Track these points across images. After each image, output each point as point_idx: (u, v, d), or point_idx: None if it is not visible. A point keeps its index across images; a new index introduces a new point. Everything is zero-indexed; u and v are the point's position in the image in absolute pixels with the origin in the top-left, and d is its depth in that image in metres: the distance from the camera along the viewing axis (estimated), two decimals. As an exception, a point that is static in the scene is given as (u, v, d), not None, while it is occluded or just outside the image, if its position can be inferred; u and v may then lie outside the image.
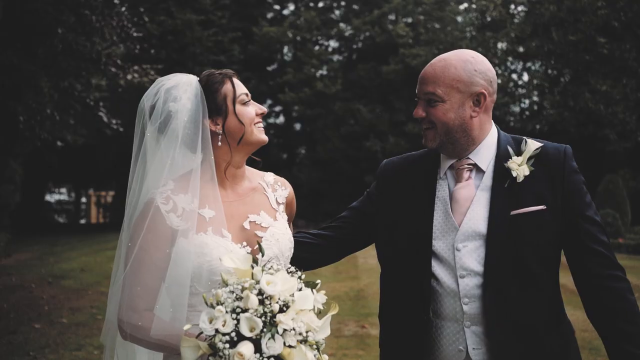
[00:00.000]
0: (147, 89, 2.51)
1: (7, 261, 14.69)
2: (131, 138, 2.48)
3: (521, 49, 26.40)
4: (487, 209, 2.44)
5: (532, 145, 2.50)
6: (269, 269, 1.92)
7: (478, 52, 2.68)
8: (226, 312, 1.84)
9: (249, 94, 2.45)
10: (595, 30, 21.48)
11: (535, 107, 27.78)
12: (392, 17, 30.81)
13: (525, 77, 28.68)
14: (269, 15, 32.08)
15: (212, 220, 2.30)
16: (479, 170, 2.53)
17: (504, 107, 27.34)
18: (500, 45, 27.37)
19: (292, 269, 1.97)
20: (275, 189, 2.57)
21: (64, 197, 37.40)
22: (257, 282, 1.87)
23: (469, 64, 2.46)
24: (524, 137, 2.58)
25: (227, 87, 2.39)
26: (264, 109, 2.48)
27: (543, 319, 2.38)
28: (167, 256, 2.21)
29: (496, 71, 27.83)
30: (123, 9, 12.47)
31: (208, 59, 27.38)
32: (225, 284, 1.92)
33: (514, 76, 29.28)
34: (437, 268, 2.45)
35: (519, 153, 2.49)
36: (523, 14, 26.20)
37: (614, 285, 2.38)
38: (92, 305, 9.75)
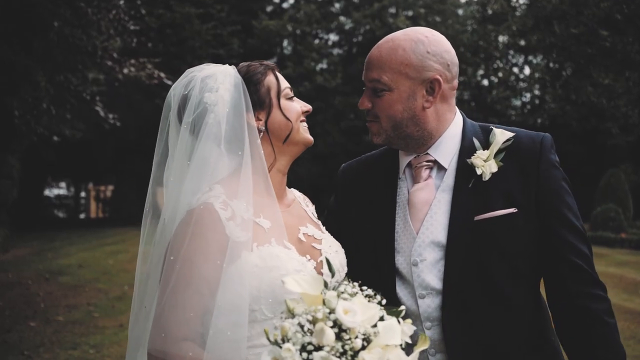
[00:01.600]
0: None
1: (5, 257, 14.56)
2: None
3: (522, 43, 26.26)
4: (447, 214, 2.09)
5: (501, 135, 2.13)
6: (342, 292, 1.56)
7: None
8: (295, 350, 1.46)
9: (292, 90, 2.22)
10: (598, 23, 21.31)
11: (537, 101, 27.64)
12: (392, 10, 30.59)
13: (527, 70, 28.55)
14: (269, 8, 31.89)
15: (271, 230, 1.99)
16: (441, 168, 2.17)
17: (505, 101, 27.21)
18: (501, 38, 27.23)
19: (369, 291, 1.58)
20: (307, 204, 2.34)
21: (62, 191, 37.28)
22: (332, 311, 1.49)
23: (420, 44, 2.08)
24: (492, 126, 2.21)
25: (270, 78, 2.14)
26: (309, 106, 2.22)
27: (521, 344, 2.04)
28: (219, 272, 1.86)
29: (497, 65, 27.89)
30: (121, 1, 12.29)
31: (207, 52, 27.22)
32: (291, 314, 1.55)
33: (515, 70, 29.15)
34: (399, 287, 2.11)
35: (486, 146, 2.13)
36: (524, 7, 25.99)
37: (593, 306, 2.02)
38: (89, 303, 9.64)
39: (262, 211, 2.01)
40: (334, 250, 2.15)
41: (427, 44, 2.09)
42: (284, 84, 2.16)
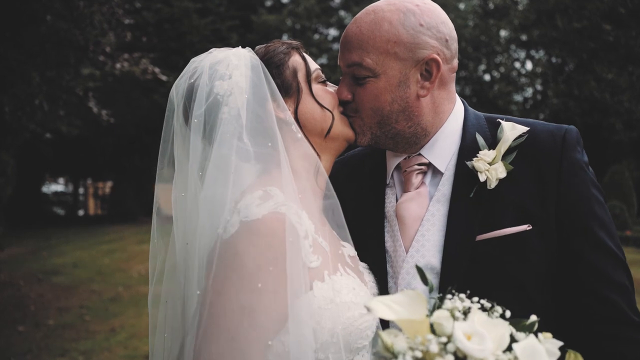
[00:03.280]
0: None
1: (-1, 256, 14.33)
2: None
3: (524, 37, 26.01)
4: (443, 232, 1.67)
5: (512, 130, 1.67)
6: (451, 309, 1.14)
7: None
8: None
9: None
10: (601, 17, 21.13)
11: (539, 97, 27.36)
12: (393, 4, 30.36)
13: (529, 65, 28.26)
14: (268, 3, 31.64)
15: (332, 254, 1.57)
16: (436, 173, 1.75)
17: (507, 96, 26.92)
18: (503, 33, 26.96)
19: (485, 302, 1.17)
20: None
21: (60, 188, 37.04)
22: (448, 340, 1.07)
23: (410, 15, 1.65)
24: (502, 118, 1.75)
25: (296, 59, 1.73)
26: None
27: None
28: (286, 310, 1.41)
29: (499, 60, 27.68)
30: (116, -4, 11.97)
31: (206, 47, 26.77)
32: (390, 352, 1.10)
33: (517, 64, 28.86)
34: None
35: (493, 143, 1.69)
36: (527, 1, 25.74)
37: (627, 354, 1.57)
38: (81, 305, 9.37)
39: (318, 227, 1.58)
40: (372, 274, 1.74)
41: (420, 15, 1.66)
42: (313, 65, 1.76)
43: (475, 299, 1.17)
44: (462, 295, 1.17)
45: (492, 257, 1.60)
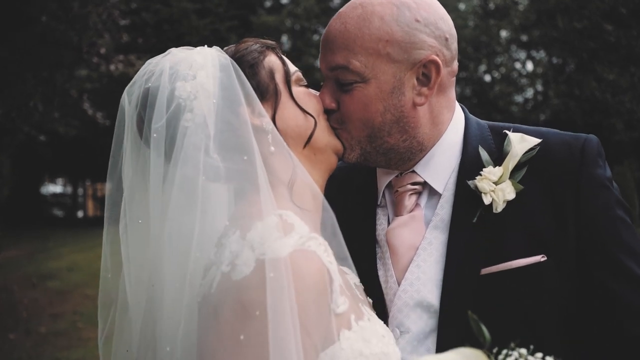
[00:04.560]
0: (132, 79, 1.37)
1: (-6, 259, 14.19)
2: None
3: (525, 38, 25.94)
4: (441, 263, 1.44)
5: (521, 143, 1.45)
6: None
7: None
8: None
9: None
10: (602, 17, 20.99)
11: (540, 98, 27.27)
12: (392, 4, 30.25)
13: (530, 66, 28.17)
14: (267, 3, 31.57)
15: (349, 291, 1.33)
16: (433, 193, 1.52)
17: (507, 97, 26.82)
18: (503, 33, 26.88)
19: (541, 356, 1.00)
20: None
21: (59, 189, 36.97)
22: None
23: (405, 10, 1.42)
24: (508, 128, 1.52)
25: (272, 59, 1.49)
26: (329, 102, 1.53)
27: None
28: None
29: (499, 60, 27.65)
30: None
31: (205, 49, 26.95)
32: None
33: (518, 65, 28.77)
34: None
35: (499, 158, 1.46)
36: (527, 1, 25.64)
37: None
38: (75, 311, 9.27)
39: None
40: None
41: (415, 9, 1.42)
42: (292, 66, 1.53)
43: (539, 354, 0.96)
44: (523, 351, 0.97)
45: (500, 294, 1.38)
